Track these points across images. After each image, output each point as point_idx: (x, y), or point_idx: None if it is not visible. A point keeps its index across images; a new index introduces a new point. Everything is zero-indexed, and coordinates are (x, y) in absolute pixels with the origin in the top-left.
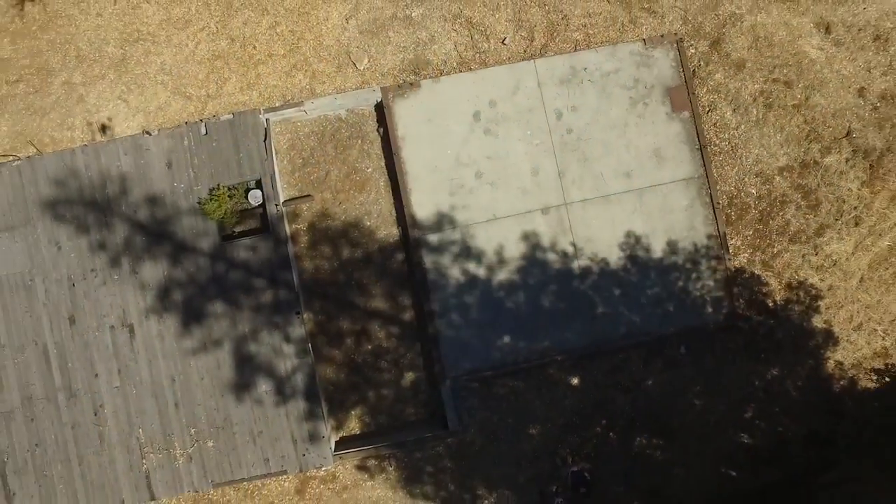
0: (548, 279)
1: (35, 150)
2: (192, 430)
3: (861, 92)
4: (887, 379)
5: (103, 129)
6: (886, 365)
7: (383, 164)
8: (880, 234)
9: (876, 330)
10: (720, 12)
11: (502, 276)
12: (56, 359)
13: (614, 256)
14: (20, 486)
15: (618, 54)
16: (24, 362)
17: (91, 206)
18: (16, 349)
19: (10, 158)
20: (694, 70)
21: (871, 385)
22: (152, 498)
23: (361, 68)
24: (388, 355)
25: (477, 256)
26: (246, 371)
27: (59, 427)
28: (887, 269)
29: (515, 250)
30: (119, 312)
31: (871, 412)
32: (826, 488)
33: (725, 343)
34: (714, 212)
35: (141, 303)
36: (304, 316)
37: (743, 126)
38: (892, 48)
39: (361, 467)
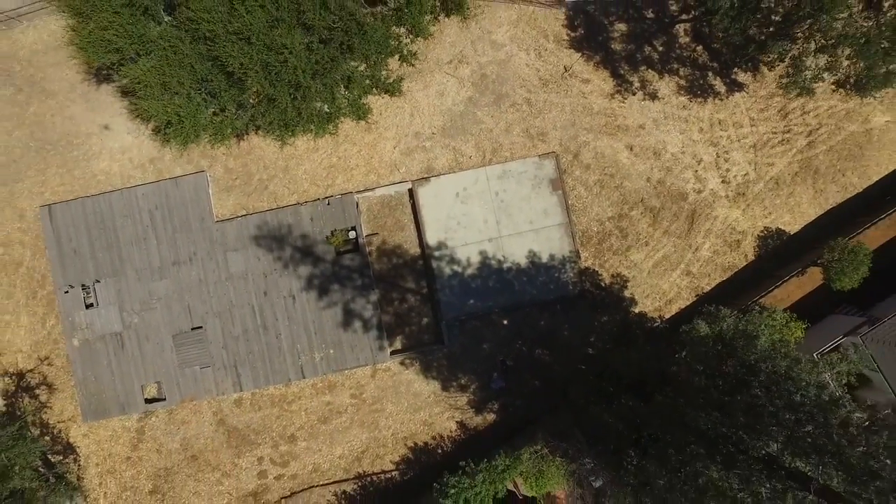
0: (491, 273)
1: (245, 212)
2: (323, 345)
3: (648, 179)
4: (657, 323)
5: (276, 201)
6: (660, 316)
7: (413, 217)
8: (658, 250)
9: (656, 298)
10: (578, 140)
11: (469, 271)
12: (258, 311)
13: (523, 262)
14: (243, 371)
15: (526, 163)
16: (242, 313)
17: (273, 239)
18: (239, 307)
19: (234, 216)
20: (564, 169)
21: (652, 326)
22: (303, 377)
23: (402, 171)
24: (414, 310)
25: (458, 262)
26: (348, 317)
27: (260, 344)
28: (662, 267)
29: (476, 259)
30: (288, 289)
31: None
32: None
33: (580, 304)
34: (573, 240)
35: (298, 285)
36: (376, 290)
37: (589, 197)
38: (663, 157)
39: (402, 364)
